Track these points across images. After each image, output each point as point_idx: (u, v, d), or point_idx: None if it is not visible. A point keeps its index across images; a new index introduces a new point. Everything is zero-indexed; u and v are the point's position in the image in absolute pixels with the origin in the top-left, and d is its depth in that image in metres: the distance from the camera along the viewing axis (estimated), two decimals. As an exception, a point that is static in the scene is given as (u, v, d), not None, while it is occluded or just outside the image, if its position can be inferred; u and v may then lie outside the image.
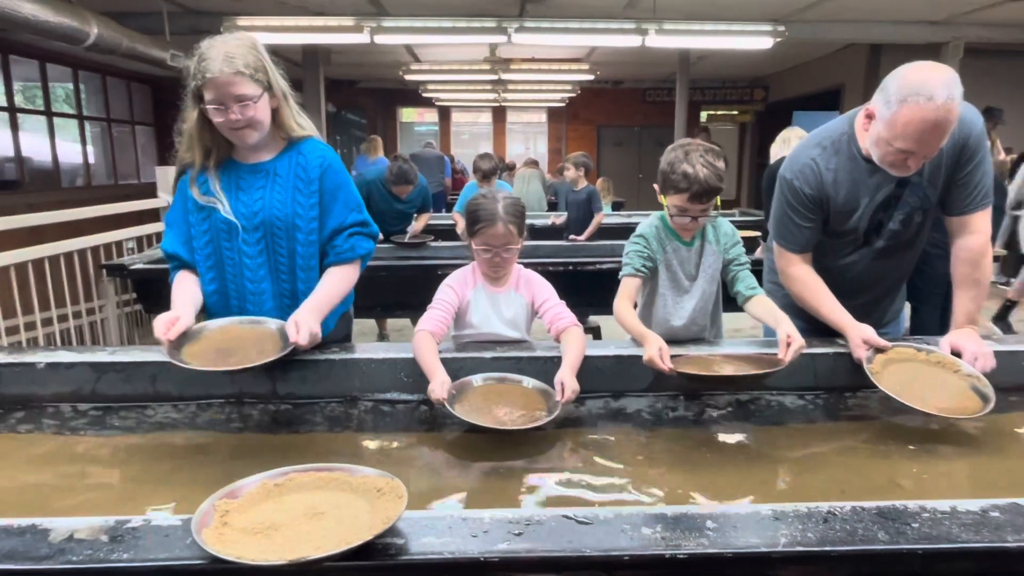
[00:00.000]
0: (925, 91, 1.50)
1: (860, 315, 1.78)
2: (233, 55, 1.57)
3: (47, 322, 3.69)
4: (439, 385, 1.49)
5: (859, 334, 1.70)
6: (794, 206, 1.82)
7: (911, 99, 1.52)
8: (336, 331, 1.87)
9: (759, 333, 2.08)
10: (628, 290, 1.82)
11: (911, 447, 1.48)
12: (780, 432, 1.57)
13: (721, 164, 1.74)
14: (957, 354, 1.69)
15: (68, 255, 3.77)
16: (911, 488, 1.31)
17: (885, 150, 1.62)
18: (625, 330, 1.76)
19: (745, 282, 1.85)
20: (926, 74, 1.53)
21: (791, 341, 1.59)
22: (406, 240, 4.54)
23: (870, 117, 1.65)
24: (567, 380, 1.53)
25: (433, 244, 4.53)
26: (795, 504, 0.99)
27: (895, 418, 1.62)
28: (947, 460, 1.45)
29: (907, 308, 2.40)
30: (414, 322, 5.02)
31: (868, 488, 1.32)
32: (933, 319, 3.14)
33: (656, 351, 1.58)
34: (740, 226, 2.10)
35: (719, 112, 13.67)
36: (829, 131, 1.83)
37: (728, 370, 1.60)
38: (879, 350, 1.68)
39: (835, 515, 0.97)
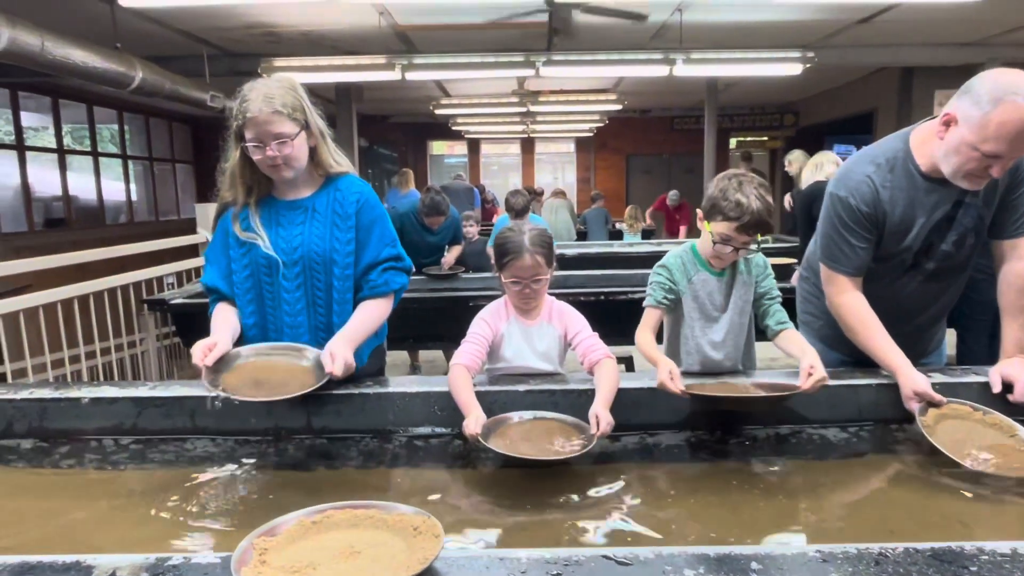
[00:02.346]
0: (1022, 91, 1.46)
1: (905, 345, 1.71)
2: (272, 95, 1.63)
3: (91, 355, 3.79)
4: (473, 421, 1.49)
5: (912, 385, 1.62)
6: (849, 225, 1.75)
7: (1008, 98, 1.46)
8: (370, 365, 1.88)
9: (794, 363, 2.02)
10: (649, 321, 1.82)
11: (963, 484, 1.42)
12: (823, 467, 1.52)
13: (771, 199, 1.72)
14: (1008, 385, 1.63)
15: (111, 290, 3.89)
16: (966, 528, 1.25)
17: (967, 156, 1.55)
18: (643, 356, 1.74)
19: (775, 316, 1.81)
20: (1019, 76, 1.49)
21: (813, 371, 1.56)
22: (439, 272, 4.57)
23: (947, 124, 1.59)
24: (601, 413, 1.51)
25: (464, 276, 4.55)
26: (844, 545, 0.96)
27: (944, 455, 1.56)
28: (1002, 499, 1.38)
29: (951, 336, 2.33)
30: (446, 353, 5.04)
31: (919, 527, 1.26)
32: (980, 347, 3.04)
33: (666, 374, 1.57)
34: (774, 253, 2.07)
35: (748, 138, 13.61)
36: (882, 149, 1.78)
37: (741, 392, 1.58)
38: (932, 404, 1.60)
39: (887, 557, 0.93)
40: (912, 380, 1.62)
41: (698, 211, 1.81)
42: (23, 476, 1.54)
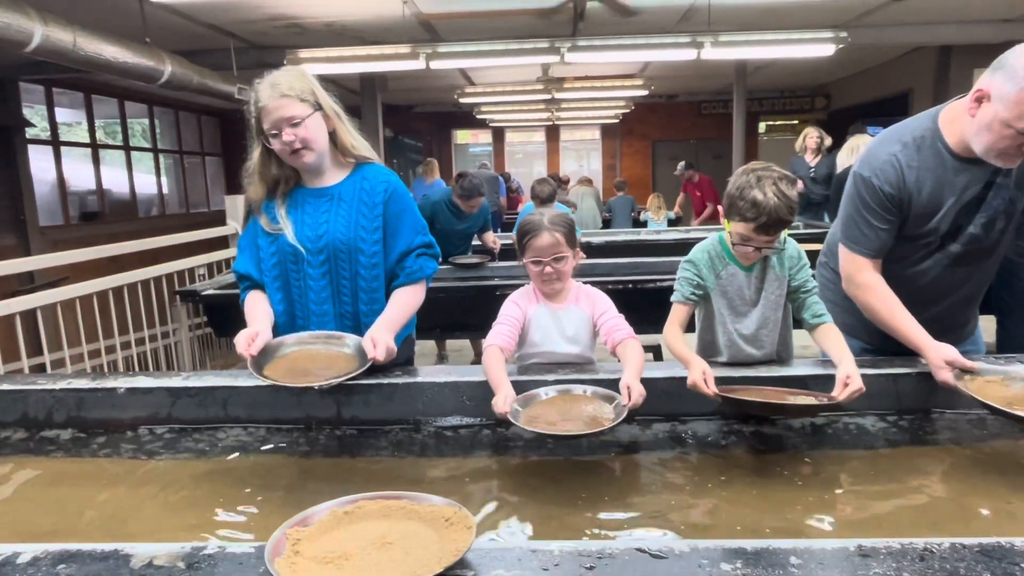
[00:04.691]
0: None
1: (929, 332, 1.66)
2: (278, 82, 1.66)
3: (125, 345, 3.87)
4: (502, 399, 1.48)
5: (940, 355, 1.58)
6: (871, 206, 1.71)
7: None
8: (400, 354, 1.88)
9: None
10: (677, 316, 1.77)
11: (1007, 475, 1.37)
12: (861, 458, 1.49)
13: (794, 194, 1.64)
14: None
15: (145, 282, 3.96)
16: (1013, 521, 1.21)
17: (1000, 134, 1.50)
18: (672, 355, 1.71)
19: (811, 310, 1.75)
20: None
21: (849, 382, 1.48)
22: (466, 261, 4.57)
23: (980, 100, 1.53)
24: (633, 384, 1.49)
25: (491, 264, 4.54)
26: (886, 540, 0.93)
27: (987, 443, 1.52)
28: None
29: (991, 323, 2.25)
30: (473, 343, 5.04)
31: (963, 520, 1.23)
32: (1022, 333, 2.94)
33: (699, 375, 1.52)
34: (804, 239, 2.01)
35: (778, 122, 13.33)
36: (910, 128, 1.72)
37: (773, 398, 1.53)
38: (964, 371, 1.56)
39: (932, 552, 0.90)
40: (940, 350, 1.59)
41: (718, 208, 1.76)
42: (63, 465, 1.57)
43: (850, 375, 1.50)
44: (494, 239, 4.89)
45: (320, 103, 1.70)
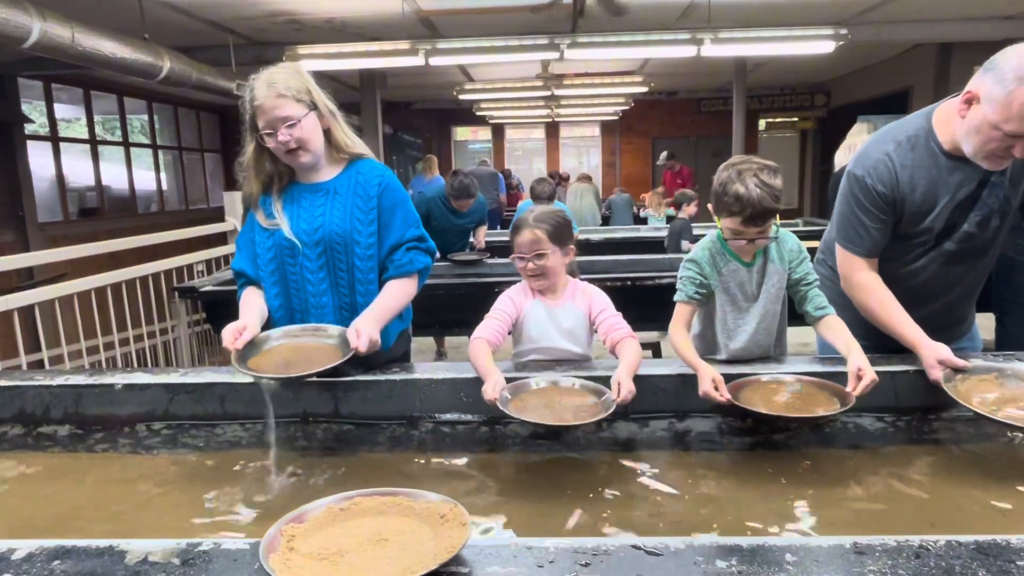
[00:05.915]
0: None
1: (924, 330, 1.66)
2: (275, 80, 1.65)
3: (124, 342, 3.87)
4: (491, 387, 1.49)
5: (933, 354, 1.58)
6: (864, 205, 1.71)
7: None
8: (395, 349, 1.89)
9: (830, 349, 1.97)
10: (682, 316, 1.76)
11: (1003, 473, 1.37)
12: (858, 456, 1.49)
13: (778, 182, 1.63)
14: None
15: (143, 278, 3.95)
16: (1008, 519, 1.21)
17: (989, 136, 1.50)
18: (679, 357, 1.70)
19: (814, 302, 1.75)
20: None
21: (862, 374, 1.48)
22: (464, 257, 4.57)
23: (969, 102, 1.53)
24: (624, 380, 1.50)
25: (489, 261, 4.54)
26: (882, 537, 0.93)
27: (985, 442, 1.52)
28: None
29: (989, 320, 2.25)
30: (471, 339, 5.04)
31: (960, 519, 1.23)
32: (1021, 331, 2.94)
33: (710, 384, 1.52)
34: (803, 236, 2.01)
35: (778, 120, 13.32)
36: (904, 127, 1.72)
37: (789, 407, 1.53)
38: (956, 371, 1.57)
39: (928, 550, 0.90)
40: (933, 348, 1.60)
41: (709, 206, 1.76)
42: (60, 461, 1.57)
43: (861, 367, 1.49)
44: (482, 232, 4.87)
45: (315, 103, 1.70)
